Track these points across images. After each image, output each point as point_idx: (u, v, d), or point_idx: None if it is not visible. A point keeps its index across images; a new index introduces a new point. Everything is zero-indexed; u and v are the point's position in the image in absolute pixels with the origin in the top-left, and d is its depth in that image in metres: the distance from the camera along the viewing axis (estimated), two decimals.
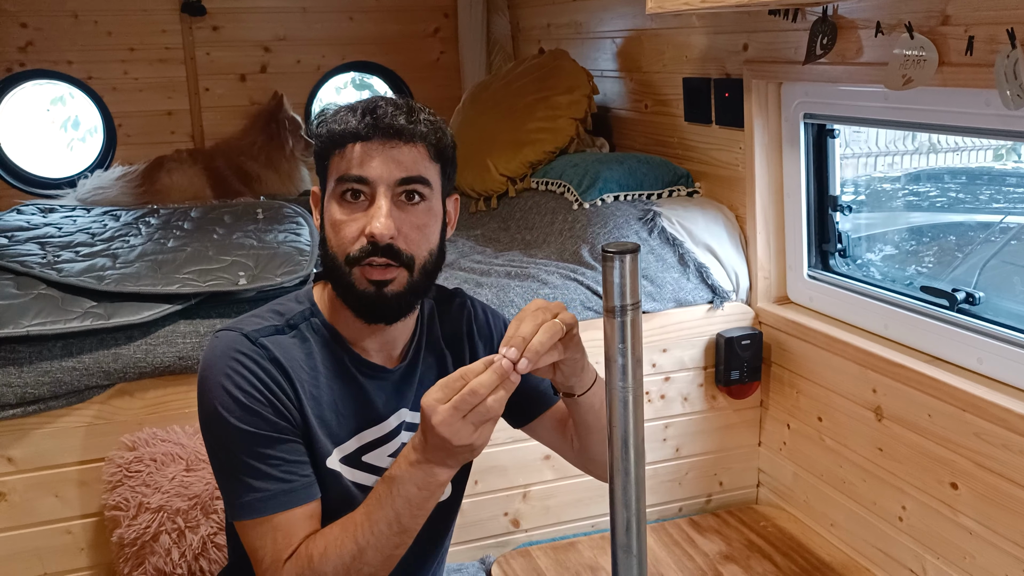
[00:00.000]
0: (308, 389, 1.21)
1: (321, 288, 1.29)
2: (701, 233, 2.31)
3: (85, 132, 4.02)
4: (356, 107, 1.21)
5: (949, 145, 2.50)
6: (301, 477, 1.19)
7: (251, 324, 1.22)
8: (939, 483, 1.80)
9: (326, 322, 1.25)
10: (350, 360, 1.25)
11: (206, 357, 1.21)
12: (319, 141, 1.23)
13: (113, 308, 1.82)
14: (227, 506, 1.21)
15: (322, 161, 1.24)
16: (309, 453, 1.21)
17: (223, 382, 1.16)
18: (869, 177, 2.44)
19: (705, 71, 2.39)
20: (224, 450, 1.19)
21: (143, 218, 2.54)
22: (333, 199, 1.20)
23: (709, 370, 2.27)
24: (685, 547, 2.13)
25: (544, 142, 2.73)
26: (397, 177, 1.18)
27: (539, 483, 2.17)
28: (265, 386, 1.17)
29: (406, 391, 1.30)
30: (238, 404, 1.16)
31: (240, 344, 1.19)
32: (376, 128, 1.18)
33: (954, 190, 2.36)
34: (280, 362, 1.19)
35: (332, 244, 1.20)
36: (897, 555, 1.94)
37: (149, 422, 1.84)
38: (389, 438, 1.29)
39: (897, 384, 1.87)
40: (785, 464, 2.27)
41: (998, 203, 2.16)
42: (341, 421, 1.24)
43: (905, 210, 2.35)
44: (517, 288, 2.14)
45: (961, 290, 1.83)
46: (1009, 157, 2.32)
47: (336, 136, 1.19)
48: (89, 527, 1.86)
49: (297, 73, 3.60)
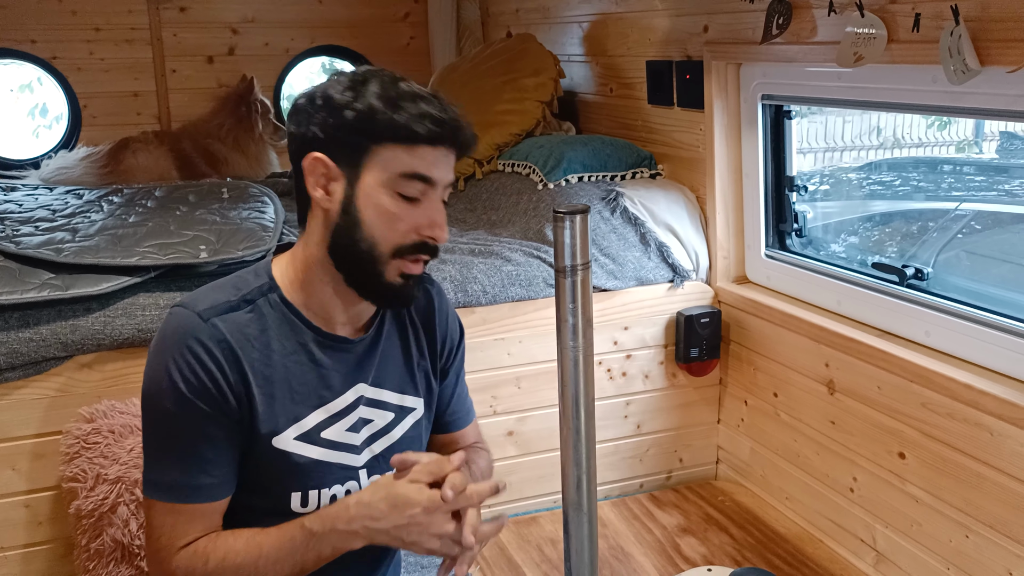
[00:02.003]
0: (258, 368, 1.21)
1: (285, 261, 1.28)
2: (663, 213, 2.34)
3: (52, 119, 3.97)
4: (432, 106, 1.18)
5: (913, 140, 2.56)
6: (213, 476, 1.20)
7: (205, 301, 1.21)
8: (888, 453, 1.84)
9: (284, 297, 1.25)
10: (309, 334, 1.25)
11: (160, 333, 1.21)
12: (367, 119, 1.17)
13: (71, 280, 1.82)
14: (143, 478, 1.22)
15: (364, 140, 1.18)
16: (252, 434, 1.21)
17: (169, 366, 1.17)
18: (835, 167, 2.49)
19: (667, 54, 2.42)
20: (153, 427, 1.21)
21: (106, 197, 2.52)
22: (386, 189, 1.19)
23: (669, 348, 2.30)
24: (645, 521, 2.17)
25: (511, 124, 2.75)
26: (449, 181, 1.22)
27: (502, 459, 2.19)
28: (208, 375, 1.17)
29: (367, 365, 1.30)
30: (177, 392, 1.16)
31: (193, 329, 1.18)
32: (455, 142, 1.20)
33: (915, 179, 2.41)
34: (229, 344, 1.19)
35: (376, 232, 1.19)
36: (849, 526, 1.98)
37: (108, 395, 1.84)
38: (346, 412, 1.29)
39: (849, 358, 1.91)
40: (743, 440, 2.31)
41: (958, 191, 2.22)
42: (297, 399, 1.24)
43: (868, 199, 2.39)
44: (480, 265, 2.15)
45: (911, 266, 1.87)
46: (971, 149, 2.38)
47: (407, 131, 1.17)
48: (47, 500, 1.85)
49: (265, 56, 3.59)
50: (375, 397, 1.31)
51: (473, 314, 2.09)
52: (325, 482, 1.26)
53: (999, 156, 2.26)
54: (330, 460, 1.27)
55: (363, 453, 1.30)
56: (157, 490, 1.20)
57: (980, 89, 1.54)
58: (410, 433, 1.35)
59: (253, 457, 1.23)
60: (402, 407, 1.34)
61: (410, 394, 1.35)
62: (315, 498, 1.26)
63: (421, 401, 1.37)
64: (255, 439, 1.22)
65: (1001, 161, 2.25)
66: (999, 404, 1.56)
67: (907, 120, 2.53)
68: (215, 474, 1.20)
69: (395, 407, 1.33)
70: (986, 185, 2.18)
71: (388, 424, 1.33)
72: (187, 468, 1.19)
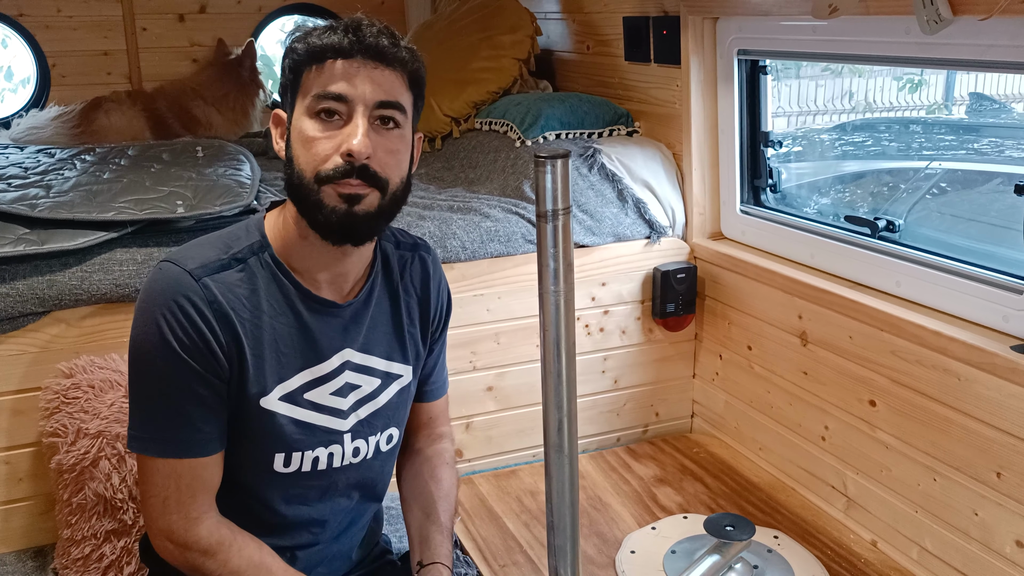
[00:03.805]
0: (248, 329, 1.21)
1: (275, 217, 1.27)
2: (639, 170, 2.36)
3: (18, 83, 3.88)
4: (339, 24, 1.18)
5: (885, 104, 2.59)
6: (204, 432, 1.21)
7: (196, 259, 1.20)
8: (859, 401, 1.89)
9: (275, 256, 1.24)
10: (298, 295, 1.25)
11: (148, 288, 1.20)
12: (293, 56, 1.19)
13: (47, 235, 1.80)
14: (130, 434, 1.23)
15: (294, 76, 1.19)
16: (240, 394, 1.22)
17: (159, 320, 1.17)
18: (808, 129, 2.51)
19: (644, 9, 2.42)
20: (141, 383, 1.21)
21: (78, 155, 2.48)
22: (305, 115, 1.17)
23: (646, 303, 2.33)
24: (622, 472, 2.21)
25: (488, 82, 2.74)
26: (376, 99, 1.16)
27: (482, 414, 2.22)
28: (199, 335, 1.17)
29: (354, 330, 1.30)
30: (168, 349, 1.17)
31: (183, 285, 1.18)
32: (360, 46, 1.15)
33: (887, 139, 2.44)
34: (220, 305, 1.18)
35: (301, 161, 1.17)
36: (820, 473, 2.03)
37: (86, 350, 1.83)
38: (331, 376, 1.29)
39: (821, 309, 1.95)
40: (717, 393, 2.36)
41: (928, 150, 2.25)
42: (283, 360, 1.24)
43: (840, 159, 2.42)
44: (459, 221, 2.16)
45: (882, 218, 1.91)
46: (941, 112, 2.41)
47: (316, 50, 1.16)
48: (27, 456, 1.85)
49: (237, 14, 3.53)
50: (362, 363, 1.32)
51: (452, 270, 2.10)
52: (308, 444, 1.28)
53: (968, 116, 2.29)
54: (314, 423, 1.28)
55: (349, 418, 1.31)
56: (149, 444, 1.20)
57: (952, 39, 1.56)
58: (395, 399, 1.37)
59: (240, 417, 1.24)
60: (389, 373, 1.35)
61: (398, 361, 1.36)
62: (298, 460, 1.28)
63: (409, 368, 1.38)
64: (243, 399, 1.23)
65: (970, 121, 2.28)
66: (967, 350, 1.61)
67: (878, 84, 2.56)
68: (205, 429, 1.21)
69: (382, 373, 1.34)
70: (956, 144, 2.22)
71: (375, 390, 1.33)
72: (178, 423, 1.19)
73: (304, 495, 1.31)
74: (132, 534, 1.69)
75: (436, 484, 1.43)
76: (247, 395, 1.22)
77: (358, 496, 1.38)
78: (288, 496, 1.30)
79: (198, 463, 1.21)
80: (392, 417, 1.37)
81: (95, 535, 1.69)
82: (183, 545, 1.22)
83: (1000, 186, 1.89)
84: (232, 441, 1.25)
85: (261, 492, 1.29)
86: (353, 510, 1.39)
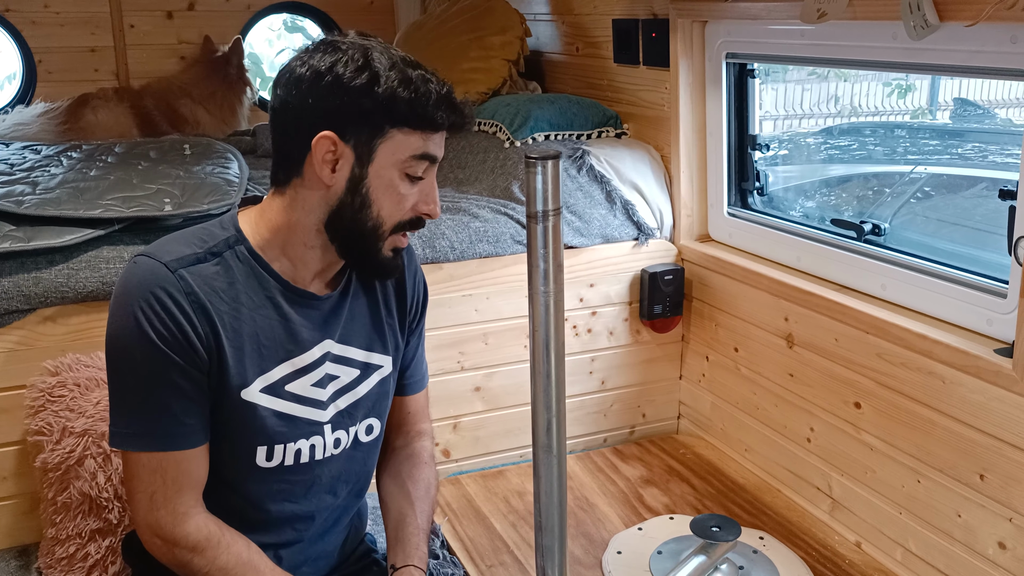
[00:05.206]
0: (227, 321, 1.21)
1: (252, 214, 1.27)
2: (628, 172, 2.37)
3: (3, 80, 3.85)
4: (444, 94, 1.21)
5: (870, 109, 2.61)
6: (185, 425, 1.21)
7: (171, 252, 1.20)
8: (844, 403, 1.90)
9: (252, 250, 1.24)
10: (278, 288, 1.26)
11: (124, 281, 1.20)
12: (393, 104, 1.18)
13: (33, 232, 1.79)
14: (111, 431, 1.23)
15: (388, 125, 1.20)
16: (221, 387, 1.22)
17: (136, 313, 1.16)
18: (794, 132, 2.53)
19: (634, 12, 2.43)
20: (121, 377, 1.21)
21: (65, 152, 2.47)
22: (397, 169, 1.22)
23: (634, 305, 2.34)
24: (609, 473, 2.22)
25: (477, 82, 2.74)
26: None
27: (469, 414, 2.22)
28: (178, 327, 1.17)
29: (334, 322, 1.31)
30: (146, 340, 1.16)
31: (159, 277, 1.17)
32: (459, 129, 1.25)
33: (872, 143, 2.46)
34: (198, 296, 1.19)
35: (384, 213, 1.23)
36: (806, 475, 2.05)
37: (72, 348, 1.82)
38: (312, 368, 1.30)
39: (807, 311, 1.96)
40: (704, 395, 2.37)
41: (913, 155, 2.27)
42: (264, 352, 1.25)
43: (826, 162, 2.44)
44: (448, 221, 2.16)
45: (868, 222, 1.92)
46: (925, 117, 2.43)
47: (427, 119, 1.20)
48: (11, 455, 1.83)
49: (226, 12, 3.51)
50: (341, 354, 1.33)
51: (441, 270, 2.10)
52: (290, 436, 1.28)
53: (952, 122, 2.32)
54: (295, 414, 1.28)
55: (328, 408, 1.32)
56: (132, 440, 1.20)
57: (939, 45, 1.58)
58: (376, 390, 1.37)
59: (222, 410, 1.24)
60: (368, 364, 1.36)
61: (377, 351, 1.37)
62: (280, 453, 1.28)
63: (389, 359, 1.39)
64: (224, 392, 1.23)
65: (955, 126, 2.31)
66: (951, 353, 1.62)
67: (864, 88, 2.58)
68: (188, 422, 1.21)
69: (361, 364, 1.35)
70: (940, 149, 2.24)
71: (353, 381, 1.34)
72: (160, 416, 1.19)
73: (289, 491, 1.31)
74: (117, 533, 1.69)
75: (413, 484, 1.44)
76: (228, 387, 1.22)
77: (344, 492, 1.38)
78: (272, 492, 1.30)
79: (183, 456, 1.21)
80: (372, 408, 1.37)
81: (80, 534, 1.68)
82: (171, 541, 1.21)
83: (984, 191, 1.91)
84: (214, 437, 1.25)
85: (245, 489, 1.29)
86: (338, 507, 1.39)
